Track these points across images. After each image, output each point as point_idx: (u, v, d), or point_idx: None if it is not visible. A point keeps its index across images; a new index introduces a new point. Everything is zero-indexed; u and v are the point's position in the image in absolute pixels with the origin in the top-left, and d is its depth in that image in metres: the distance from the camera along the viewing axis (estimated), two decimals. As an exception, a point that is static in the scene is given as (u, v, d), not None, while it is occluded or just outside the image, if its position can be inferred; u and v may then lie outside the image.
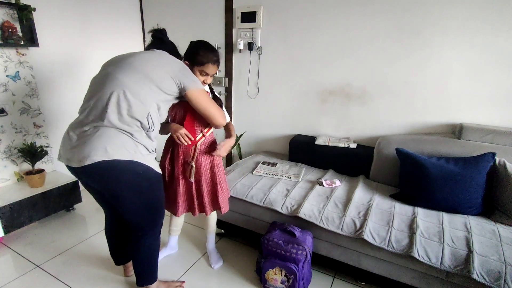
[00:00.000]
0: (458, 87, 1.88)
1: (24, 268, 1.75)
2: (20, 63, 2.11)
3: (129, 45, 2.95)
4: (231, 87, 2.68)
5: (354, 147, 2.13)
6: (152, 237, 1.39)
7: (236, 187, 1.85)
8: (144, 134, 1.23)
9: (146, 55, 1.27)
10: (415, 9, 1.88)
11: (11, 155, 2.16)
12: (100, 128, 1.15)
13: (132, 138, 1.19)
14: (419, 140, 1.90)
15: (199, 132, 1.48)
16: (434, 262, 1.31)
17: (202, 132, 1.48)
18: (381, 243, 1.42)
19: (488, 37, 1.75)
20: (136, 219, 1.33)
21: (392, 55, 2.01)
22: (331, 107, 2.31)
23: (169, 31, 1.46)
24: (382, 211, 1.60)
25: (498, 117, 1.83)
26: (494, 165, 1.62)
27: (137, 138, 1.20)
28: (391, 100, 2.09)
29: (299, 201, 1.70)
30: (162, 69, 1.23)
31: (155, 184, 1.31)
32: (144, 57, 1.25)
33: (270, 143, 2.66)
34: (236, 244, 2.01)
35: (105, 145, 1.12)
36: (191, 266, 1.80)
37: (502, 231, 1.44)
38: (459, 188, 1.58)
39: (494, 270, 1.23)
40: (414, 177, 1.69)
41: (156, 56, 1.28)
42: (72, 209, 2.40)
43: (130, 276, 1.67)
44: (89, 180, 1.26)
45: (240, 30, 2.48)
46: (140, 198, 1.27)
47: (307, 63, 2.31)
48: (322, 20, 2.17)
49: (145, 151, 1.24)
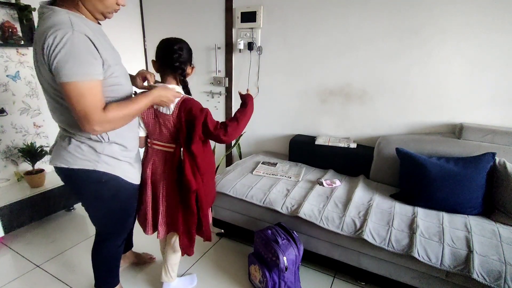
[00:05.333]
0: (458, 87, 1.88)
1: (24, 268, 1.76)
2: (20, 63, 2.11)
3: (129, 45, 2.95)
4: (231, 87, 2.68)
5: (354, 147, 2.13)
6: (113, 243, 1.35)
7: (236, 187, 1.85)
8: (106, 143, 1.12)
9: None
10: (415, 9, 1.88)
11: (11, 155, 2.16)
12: (64, 134, 1.12)
13: (91, 147, 1.09)
14: (419, 140, 1.90)
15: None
16: (434, 262, 1.31)
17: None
18: (381, 243, 1.42)
19: (488, 37, 1.75)
20: (98, 224, 1.31)
21: (392, 55, 2.01)
22: (331, 107, 2.31)
23: (169, 31, 1.47)
24: (382, 211, 1.60)
25: (498, 117, 1.83)
26: (494, 165, 1.62)
27: (97, 148, 1.10)
28: (391, 100, 2.09)
29: (299, 201, 1.70)
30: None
31: (122, 193, 1.22)
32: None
33: (270, 143, 2.66)
34: (236, 244, 2.01)
35: (66, 154, 1.09)
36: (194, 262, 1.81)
37: (502, 231, 1.44)
38: (459, 188, 1.58)
39: (494, 270, 1.23)
40: (414, 177, 1.69)
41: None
42: (72, 209, 2.40)
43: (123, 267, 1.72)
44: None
45: (240, 30, 2.48)
46: (101, 205, 1.22)
47: (307, 63, 2.31)
48: (322, 20, 2.17)
49: (111, 160, 1.13)
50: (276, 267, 1.45)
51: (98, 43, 0.96)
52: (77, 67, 0.90)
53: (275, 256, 1.44)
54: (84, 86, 0.92)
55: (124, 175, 1.19)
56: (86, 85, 0.92)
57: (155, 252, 1.85)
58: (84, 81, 0.91)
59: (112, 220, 1.29)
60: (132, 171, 1.23)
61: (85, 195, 1.20)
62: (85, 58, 0.91)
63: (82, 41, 0.91)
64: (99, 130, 0.97)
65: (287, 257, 1.44)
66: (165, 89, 1.21)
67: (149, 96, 1.13)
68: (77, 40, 0.90)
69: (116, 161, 1.15)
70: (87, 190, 1.17)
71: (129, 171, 1.21)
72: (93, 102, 0.94)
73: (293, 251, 1.48)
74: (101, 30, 1.09)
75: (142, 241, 1.82)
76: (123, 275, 1.66)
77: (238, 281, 1.68)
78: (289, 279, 1.50)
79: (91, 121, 0.94)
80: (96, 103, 0.95)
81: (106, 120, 0.97)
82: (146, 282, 1.68)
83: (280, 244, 1.47)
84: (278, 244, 1.47)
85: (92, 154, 1.09)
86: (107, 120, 0.97)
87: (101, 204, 1.21)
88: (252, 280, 1.65)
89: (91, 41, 0.93)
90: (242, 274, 1.73)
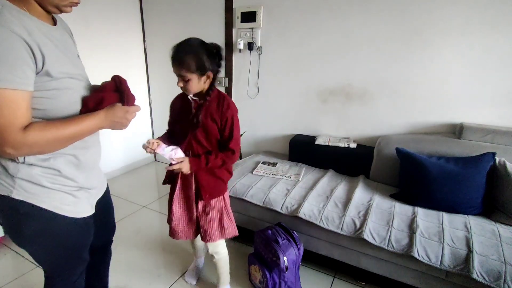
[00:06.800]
0: (458, 87, 1.88)
1: (24, 268, 1.75)
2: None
3: (129, 45, 2.95)
4: (231, 87, 2.68)
5: (354, 147, 2.13)
6: (66, 282, 1.04)
7: (236, 186, 1.85)
8: (22, 164, 0.82)
9: None
10: (415, 9, 1.88)
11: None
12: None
13: (3, 167, 0.83)
14: (419, 140, 1.90)
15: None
16: (434, 262, 1.31)
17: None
18: (381, 243, 1.42)
19: (488, 37, 1.75)
20: (38, 262, 1.00)
21: (392, 55, 2.01)
22: (331, 107, 2.31)
23: (169, 31, 1.46)
24: (382, 211, 1.60)
25: (498, 117, 1.83)
26: (494, 165, 1.62)
27: (9, 168, 0.82)
28: (391, 100, 2.09)
29: (299, 201, 1.70)
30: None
31: (55, 230, 0.91)
32: None
33: (270, 143, 2.66)
34: (236, 244, 2.01)
35: None
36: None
37: (502, 230, 1.44)
38: (459, 188, 1.58)
39: (494, 269, 1.23)
40: (414, 177, 1.69)
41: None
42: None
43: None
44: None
45: (240, 30, 2.48)
46: (26, 242, 0.92)
47: (307, 63, 2.31)
48: (322, 19, 2.17)
49: (32, 186, 0.84)
50: (277, 267, 1.45)
51: (42, 48, 0.76)
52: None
53: (275, 256, 1.44)
54: (3, 95, 0.70)
55: (55, 207, 0.87)
56: (6, 94, 0.70)
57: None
58: (6, 89, 0.70)
59: (53, 260, 0.98)
60: (72, 201, 0.91)
61: (6, 227, 0.91)
62: (9, 61, 0.70)
63: (7, 40, 0.70)
64: (13, 153, 0.75)
65: (287, 257, 1.44)
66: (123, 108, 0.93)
67: (103, 116, 0.88)
68: (1, 37, 0.69)
69: (41, 189, 0.85)
70: (7, 221, 0.89)
71: (65, 201, 0.90)
72: (9, 117, 0.71)
73: (293, 251, 1.48)
74: (56, 33, 0.86)
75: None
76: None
77: (238, 281, 1.68)
78: (289, 279, 1.50)
79: (3, 142, 0.72)
80: (13, 119, 0.72)
81: (23, 143, 0.74)
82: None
83: (280, 244, 1.47)
84: (279, 244, 1.47)
85: (5, 176, 0.83)
86: (26, 144, 0.74)
87: (26, 241, 0.91)
88: (252, 280, 1.65)
89: (26, 42, 0.72)
90: (242, 274, 1.73)
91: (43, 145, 0.79)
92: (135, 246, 1.98)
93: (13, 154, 0.76)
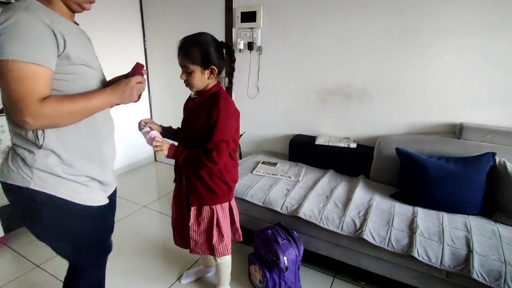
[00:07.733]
0: (458, 87, 1.88)
1: (24, 268, 1.76)
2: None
3: (129, 45, 2.95)
4: (231, 87, 2.68)
5: (354, 147, 2.13)
6: (91, 273, 1.11)
7: (236, 186, 1.85)
8: (42, 152, 0.87)
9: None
10: (415, 9, 1.88)
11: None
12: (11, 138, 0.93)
13: (22, 158, 0.88)
14: (419, 140, 1.90)
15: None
16: (434, 262, 1.31)
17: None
18: (381, 243, 1.42)
19: (488, 37, 1.75)
20: (60, 254, 1.05)
21: (392, 55, 2.01)
22: (331, 107, 2.31)
23: (169, 31, 1.46)
24: (382, 211, 1.60)
25: (498, 117, 1.83)
26: (494, 165, 1.62)
27: (27, 159, 0.87)
28: (391, 100, 2.09)
29: (299, 201, 1.70)
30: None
31: (72, 219, 0.96)
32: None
33: (270, 143, 2.66)
34: (236, 244, 2.01)
35: (4, 163, 0.91)
36: (194, 262, 1.80)
37: (502, 231, 1.44)
38: (459, 188, 1.58)
39: (494, 270, 1.23)
40: (414, 177, 1.69)
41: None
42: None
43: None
44: None
45: (240, 30, 2.48)
46: (47, 233, 0.97)
47: (307, 63, 2.31)
48: (322, 19, 2.17)
49: (48, 176, 0.89)
50: (277, 267, 1.45)
51: (64, 34, 0.83)
52: (23, 46, 0.75)
53: (275, 256, 1.44)
54: (26, 68, 0.76)
55: (70, 196, 0.93)
56: (29, 68, 0.76)
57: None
58: (28, 63, 0.76)
59: (74, 250, 1.02)
60: (86, 190, 0.96)
61: (24, 218, 0.96)
62: (33, 40, 0.77)
63: (32, 23, 0.77)
64: (31, 123, 0.78)
65: (287, 257, 1.44)
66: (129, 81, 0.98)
67: (109, 91, 0.93)
68: (27, 20, 0.76)
69: (56, 179, 0.90)
70: (24, 212, 0.93)
71: (80, 190, 0.95)
72: (30, 88, 0.77)
73: (293, 251, 1.48)
74: (77, 31, 0.95)
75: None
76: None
77: (238, 281, 1.68)
78: (289, 279, 1.50)
79: (22, 110, 0.76)
80: (33, 90, 0.77)
81: (40, 113, 0.78)
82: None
83: (280, 244, 1.47)
84: (279, 244, 1.47)
85: (24, 167, 0.88)
86: (42, 114, 0.78)
87: (44, 231, 0.96)
88: (252, 280, 1.65)
89: (50, 28, 0.80)
90: (242, 274, 1.73)
91: (57, 117, 0.83)
92: (135, 246, 1.98)
93: (31, 124, 0.79)
